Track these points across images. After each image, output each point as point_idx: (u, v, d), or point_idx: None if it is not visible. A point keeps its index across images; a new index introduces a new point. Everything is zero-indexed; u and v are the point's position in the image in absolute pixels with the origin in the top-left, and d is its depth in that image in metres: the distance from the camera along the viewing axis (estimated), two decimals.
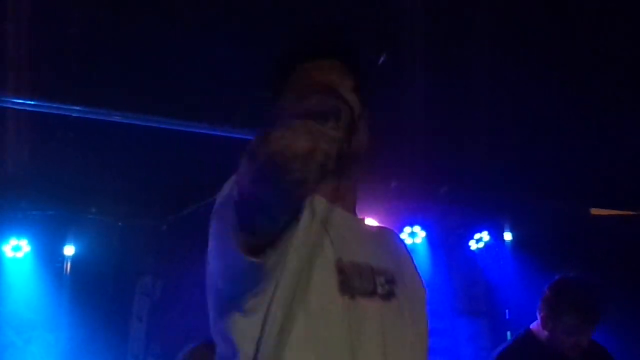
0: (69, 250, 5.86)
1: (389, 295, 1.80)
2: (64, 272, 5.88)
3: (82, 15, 3.98)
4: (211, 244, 1.67)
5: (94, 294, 5.86)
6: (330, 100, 1.55)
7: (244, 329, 1.65)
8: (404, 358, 1.76)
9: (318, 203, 1.77)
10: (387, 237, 2.03)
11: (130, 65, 4.34)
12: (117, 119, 4.74)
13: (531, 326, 3.74)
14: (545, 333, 3.58)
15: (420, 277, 1.98)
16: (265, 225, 1.54)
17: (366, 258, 1.79)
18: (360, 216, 2.11)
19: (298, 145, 1.37)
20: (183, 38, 4.02)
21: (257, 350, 1.61)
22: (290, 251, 1.63)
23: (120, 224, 5.67)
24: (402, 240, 2.09)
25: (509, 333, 6.31)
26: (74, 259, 5.88)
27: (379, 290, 1.78)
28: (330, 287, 1.69)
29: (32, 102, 4.69)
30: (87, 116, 4.69)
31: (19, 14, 4.09)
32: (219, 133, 4.53)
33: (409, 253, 2.03)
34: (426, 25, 3.94)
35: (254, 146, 1.41)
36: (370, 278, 1.77)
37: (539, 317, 3.65)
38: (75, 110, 4.69)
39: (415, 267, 2.00)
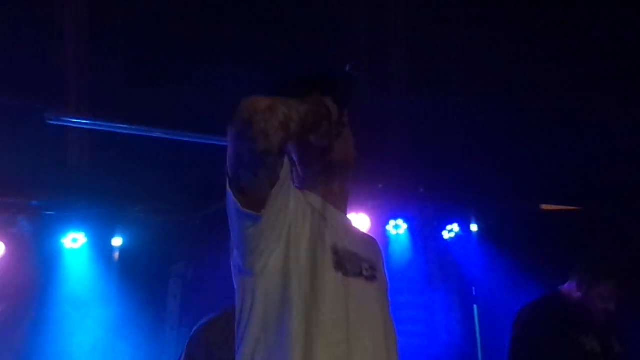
0: (117, 241, 5.89)
1: (371, 278, 1.88)
2: (113, 259, 5.89)
3: (127, 48, 3.95)
4: (229, 220, 1.72)
5: (138, 278, 5.85)
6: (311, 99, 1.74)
7: (255, 287, 1.71)
8: (380, 328, 1.82)
9: (315, 200, 1.84)
10: (369, 239, 2.10)
11: (167, 90, 4.32)
12: (157, 134, 4.74)
13: (561, 288, 3.50)
14: (579, 295, 3.35)
15: (386, 276, 2.04)
16: (249, 179, 1.59)
17: (354, 248, 1.86)
18: (351, 212, 2.15)
19: (260, 102, 1.51)
20: (213, 67, 3.98)
21: (265, 307, 1.68)
22: (301, 235, 1.71)
23: (159, 219, 5.65)
24: (379, 246, 2.10)
25: (475, 306, 6.37)
26: (121, 249, 5.90)
27: (364, 273, 1.85)
28: (328, 264, 1.74)
29: (88, 121, 4.70)
30: (132, 132, 4.64)
31: (78, 49, 4.05)
32: None
33: (382, 257, 2.06)
34: (406, 42, 3.90)
35: (235, 109, 1.53)
36: (357, 263, 1.84)
37: (574, 281, 3.40)
38: (123, 128, 4.68)
39: (384, 267, 2.04)
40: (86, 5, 3.69)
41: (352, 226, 2.05)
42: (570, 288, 3.41)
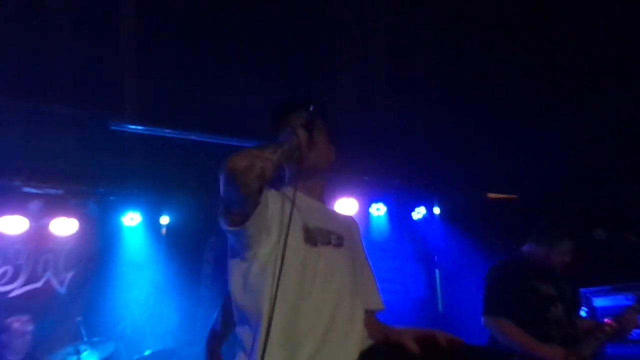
0: (165, 220, 5.87)
1: (339, 245, 1.94)
2: (161, 234, 5.88)
3: (173, 69, 4.06)
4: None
5: (180, 248, 5.83)
6: (285, 134, 1.80)
7: (238, 271, 1.83)
8: (345, 277, 1.89)
9: (289, 192, 1.90)
10: (345, 218, 2.17)
11: (202, 102, 4.43)
12: (194, 137, 4.84)
13: (521, 249, 3.40)
14: (539, 253, 3.29)
15: (360, 244, 2.10)
16: (238, 209, 1.72)
17: (324, 224, 1.94)
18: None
19: (240, 163, 1.59)
20: (242, 81, 4.05)
21: (245, 282, 1.79)
22: (271, 223, 1.79)
23: (196, 202, 5.63)
24: (356, 224, 2.16)
25: (437, 270, 6.42)
26: (168, 225, 5.88)
27: (332, 242, 1.92)
28: (298, 240, 1.82)
29: (142, 127, 4.80)
30: (176, 136, 4.80)
31: (136, 68, 4.18)
32: None
33: (357, 231, 2.13)
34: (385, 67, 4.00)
35: (223, 164, 1.62)
36: (326, 235, 1.92)
37: (533, 242, 3.33)
38: (168, 132, 4.81)
39: (358, 238, 2.11)
40: (144, 30, 3.83)
41: (325, 208, 2.11)
42: (529, 248, 3.36)
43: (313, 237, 1.87)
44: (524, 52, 3.82)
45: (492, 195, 6.10)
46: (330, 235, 1.94)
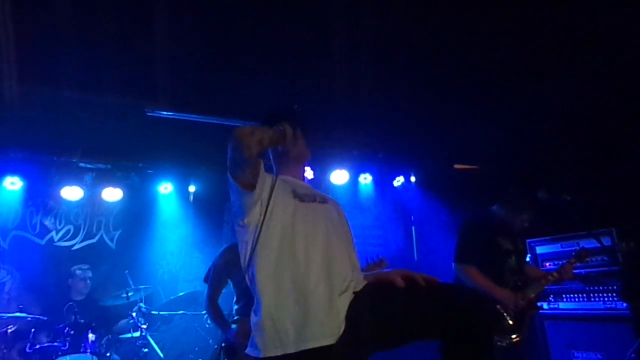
0: (192, 188, 5.87)
1: (323, 202, 2.03)
2: (189, 200, 5.90)
3: (203, 60, 4.05)
4: (231, 198, 1.92)
5: (204, 211, 5.85)
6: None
7: (245, 232, 1.87)
8: (332, 234, 1.93)
9: (282, 177, 1.99)
10: (329, 198, 2.13)
11: (228, 91, 4.43)
12: (215, 121, 4.75)
13: (491, 208, 3.41)
14: (503, 214, 3.32)
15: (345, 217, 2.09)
16: (241, 172, 1.80)
17: (307, 191, 2.03)
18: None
19: (245, 129, 1.75)
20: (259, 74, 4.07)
21: (255, 239, 1.81)
22: (275, 194, 1.86)
23: (217, 174, 5.55)
24: (339, 205, 2.14)
25: (413, 227, 6.40)
26: (195, 193, 5.88)
27: (317, 199, 2.02)
28: (288, 198, 1.92)
29: (172, 113, 4.68)
30: (202, 120, 4.75)
31: (169, 59, 4.18)
32: None
33: (341, 211, 2.11)
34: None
35: (231, 134, 1.74)
36: (312, 196, 2.01)
37: (501, 205, 3.35)
38: (196, 117, 4.74)
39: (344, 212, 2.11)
40: (176, 24, 3.80)
41: (309, 186, 2.14)
42: (497, 209, 3.37)
43: (300, 196, 1.96)
44: (488, 31, 3.60)
45: (457, 165, 6.09)
46: (315, 196, 2.03)
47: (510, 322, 3.14)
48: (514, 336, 3.10)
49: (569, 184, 4.38)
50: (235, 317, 3.15)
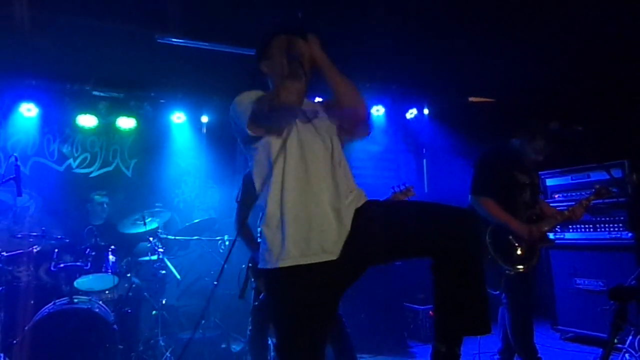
0: (205, 119, 5.89)
1: (320, 119, 1.98)
2: (202, 131, 5.93)
3: None
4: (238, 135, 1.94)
5: (217, 142, 5.87)
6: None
7: (258, 163, 1.88)
8: (334, 151, 1.92)
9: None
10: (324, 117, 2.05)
11: (241, 19, 4.30)
12: (229, 49, 4.72)
13: (512, 141, 3.39)
14: (524, 149, 3.31)
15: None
16: (264, 123, 1.81)
17: (308, 108, 1.99)
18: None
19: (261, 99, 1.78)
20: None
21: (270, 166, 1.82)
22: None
23: (229, 104, 5.45)
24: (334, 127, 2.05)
25: (424, 160, 6.51)
26: (207, 124, 5.92)
27: (317, 116, 1.98)
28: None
29: (182, 41, 4.61)
30: (215, 48, 4.71)
31: None
32: None
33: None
34: None
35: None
36: (312, 112, 1.98)
37: (518, 138, 3.34)
38: (208, 45, 4.69)
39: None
40: None
41: (309, 103, 2.05)
42: (516, 143, 3.36)
43: (301, 115, 1.93)
44: None
45: (473, 98, 6.09)
46: (314, 112, 2.00)
47: (519, 253, 3.22)
48: (521, 267, 3.18)
49: (584, 116, 4.39)
50: None
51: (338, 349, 3.07)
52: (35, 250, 4.10)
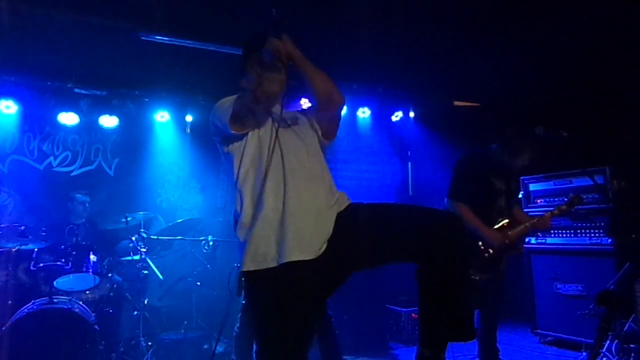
0: (189, 118, 5.81)
1: (299, 125, 2.03)
2: (186, 130, 5.87)
3: None
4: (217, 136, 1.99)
5: (201, 141, 5.75)
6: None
7: (237, 165, 1.89)
8: (312, 154, 1.96)
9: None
10: (304, 120, 2.10)
11: (227, 17, 4.23)
12: (213, 48, 4.67)
13: (492, 147, 3.44)
14: (506, 155, 3.35)
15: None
16: (243, 117, 1.84)
17: (286, 116, 2.01)
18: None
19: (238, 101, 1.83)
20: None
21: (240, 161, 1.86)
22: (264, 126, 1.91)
23: (214, 104, 5.37)
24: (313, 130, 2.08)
25: (409, 163, 6.52)
26: (192, 123, 5.84)
27: (296, 123, 2.02)
28: (268, 124, 1.94)
29: (167, 38, 4.54)
30: (198, 47, 4.63)
31: None
32: None
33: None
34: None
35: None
36: (292, 119, 2.03)
37: (501, 145, 3.38)
38: (191, 43, 4.61)
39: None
40: None
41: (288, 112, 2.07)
42: (497, 148, 3.40)
43: (279, 121, 1.94)
44: None
45: (458, 102, 6.13)
46: (292, 119, 2.05)
47: (487, 259, 3.30)
48: (478, 277, 3.27)
49: (567, 122, 4.41)
50: None
51: (326, 351, 3.08)
52: (14, 250, 4.03)
